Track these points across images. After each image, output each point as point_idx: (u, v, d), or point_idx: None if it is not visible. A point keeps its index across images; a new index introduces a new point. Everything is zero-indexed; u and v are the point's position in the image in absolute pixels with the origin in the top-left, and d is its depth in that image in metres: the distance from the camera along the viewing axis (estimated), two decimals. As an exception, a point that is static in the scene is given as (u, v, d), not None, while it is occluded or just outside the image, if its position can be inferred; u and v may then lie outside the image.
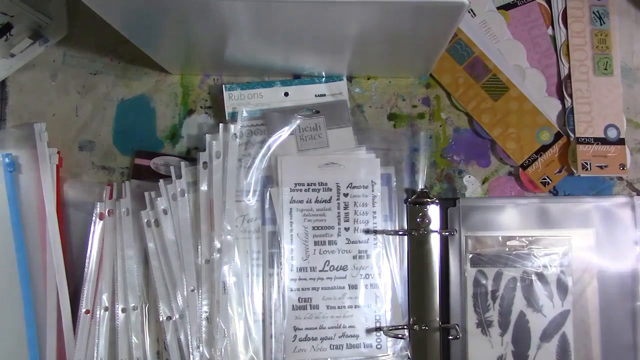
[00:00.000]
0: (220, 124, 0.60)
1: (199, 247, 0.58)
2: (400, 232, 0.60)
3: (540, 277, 0.61)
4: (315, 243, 0.60)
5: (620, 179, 0.64)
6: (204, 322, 0.57)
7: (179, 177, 0.59)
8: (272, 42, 0.54)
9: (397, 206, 0.61)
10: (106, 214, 0.60)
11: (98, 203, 0.60)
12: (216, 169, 0.59)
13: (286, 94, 0.63)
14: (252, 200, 0.60)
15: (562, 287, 0.60)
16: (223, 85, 0.62)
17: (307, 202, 0.60)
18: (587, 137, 0.62)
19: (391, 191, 0.61)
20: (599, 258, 0.61)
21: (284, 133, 0.61)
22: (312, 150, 0.61)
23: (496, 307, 0.60)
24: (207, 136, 0.59)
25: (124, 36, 0.51)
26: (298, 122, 0.61)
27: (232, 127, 0.60)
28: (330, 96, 0.63)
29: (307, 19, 0.47)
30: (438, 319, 0.60)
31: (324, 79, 0.63)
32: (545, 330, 0.60)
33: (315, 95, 0.63)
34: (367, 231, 0.60)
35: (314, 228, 0.60)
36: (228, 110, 0.62)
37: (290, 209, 0.60)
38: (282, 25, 0.48)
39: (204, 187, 0.59)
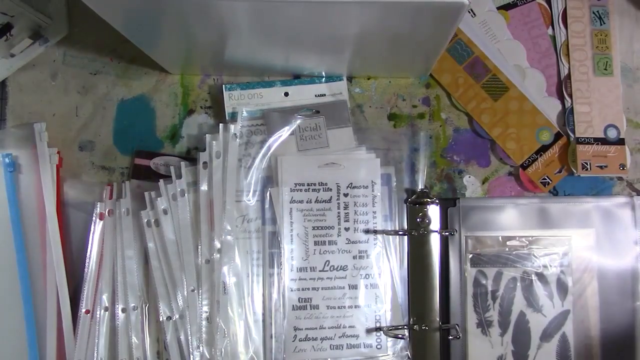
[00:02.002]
0: (220, 124, 0.60)
1: (199, 247, 0.58)
2: (400, 232, 0.60)
3: (540, 277, 0.61)
4: (315, 243, 0.60)
5: (620, 179, 0.64)
6: (204, 322, 0.57)
7: (179, 177, 0.59)
8: (272, 42, 0.53)
9: (397, 206, 0.61)
10: (106, 214, 0.60)
11: (98, 203, 0.60)
12: (216, 169, 0.59)
13: (286, 94, 0.63)
14: (252, 200, 0.60)
15: (562, 287, 0.60)
16: (223, 86, 0.62)
17: (307, 202, 0.60)
18: (587, 137, 0.62)
19: (391, 191, 0.61)
20: (599, 258, 0.61)
21: (284, 133, 0.61)
22: (312, 150, 0.61)
23: (496, 307, 0.60)
24: (207, 136, 0.59)
25: (124, 36, 0.51)
26: (298, 122, 0.61)
27: (232, 127, 0.60)
28: (330, 96, 0.63)
29: (307, 19, 0.47)
30: (438, 319, 0.60)
31: (323, 79, 0.63)
32: (545, 330, 0.60)
33: (315, 95, 0.63)
34: (367, 231, 0.60)
35: (314, 228, 0.60)
36: (228, 110, 0.62)
37: (290, 209, 0.60)
38: (282, 26, 0.48)
39: (204, 187, 0.59)
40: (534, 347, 0.60)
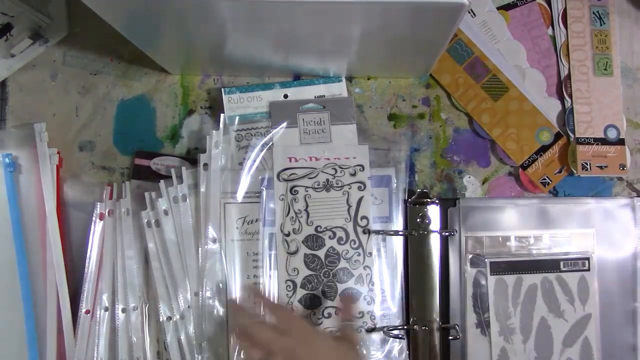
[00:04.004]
0: (213, 131, 0.60)
1: (200, 249, 0.58)
2: (400, 232, 0.60)
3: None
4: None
5: (620, 179, 0.64)
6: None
7: (181, 182, 0.59)
8: (272, 42, 0.53)
9: (397, 207, 0.61)
10: (106, 214, 0.60)
11: (98, 203, 0.60)
12: (202, 177, 0.59)
13: (285, 96, 0.62)
14: (252, 201, 0.60)
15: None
16: (222, 89, 0.62)
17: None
18: (587, 138, 0.62)
19: (391, 193, 0.61)
20: (599, 258, 0.61)
21: (287, 125, 0.61)
22: (314, 144, 0.61)
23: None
24: (208, 137, 0.59)
25: (124, 36, 0.51)
26: (303, 116, 0.61)
27: (214, 133, 0.59)
28: (329, 97, 0.63)
29: (307, 19, 0.47)
30: (438, 319, 0.60)
31: (322, 79, 0.63)
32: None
33: (315, 97, 0.62)
34: (367, 231, 0.60)
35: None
36: (228, 113, 0.62)
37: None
38: (282, 26, 0.48)
39: (203, 189, 0.59)
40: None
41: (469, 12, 0.64)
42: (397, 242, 0.61)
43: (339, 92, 0.63)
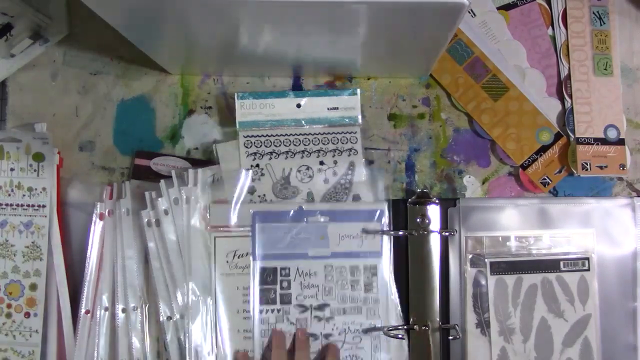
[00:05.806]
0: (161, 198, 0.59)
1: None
2: (401, 232, 0.60)
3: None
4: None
5: (620, 179, 0.64)
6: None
7: (180, 183, 0.59)
8: (271, 42, 0.53)
9: (389, 241, 0.60)
10: (106, 214, 0.60)
11: (98, 203, 0.60)
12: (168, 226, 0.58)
13: (298, 106, 0.62)
14: (242, 235, 0.60)
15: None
16: (235, 94, 0.61)
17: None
18: (587, 138, 0.62)
19: (382, 228, 0.60)
20: (599, 258, 0.61)
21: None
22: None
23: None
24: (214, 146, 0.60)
25: (124, 36, 0.51)
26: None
27: (183, 190, 0.59)
28: (342, 109, 0.61)
29: (307, 19, 0.47)
30: (438, 319, 0.60)
31: (336, 91, 0.62)
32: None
33: (328, 109, 0.61)
34: (367, 231, 0.60)
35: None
36: (239, 119, 0.61)
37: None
38: (282, 26, 0.48)
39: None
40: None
41: (469, 12, 0.64)
42: (397, 242, 0.61)
43: (352, 105, 0.61)
